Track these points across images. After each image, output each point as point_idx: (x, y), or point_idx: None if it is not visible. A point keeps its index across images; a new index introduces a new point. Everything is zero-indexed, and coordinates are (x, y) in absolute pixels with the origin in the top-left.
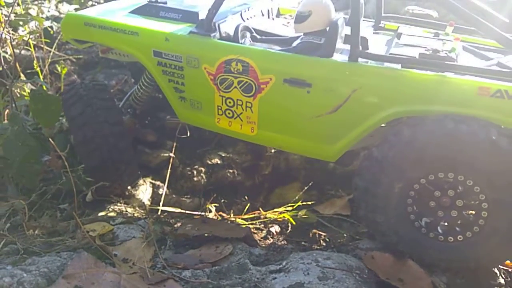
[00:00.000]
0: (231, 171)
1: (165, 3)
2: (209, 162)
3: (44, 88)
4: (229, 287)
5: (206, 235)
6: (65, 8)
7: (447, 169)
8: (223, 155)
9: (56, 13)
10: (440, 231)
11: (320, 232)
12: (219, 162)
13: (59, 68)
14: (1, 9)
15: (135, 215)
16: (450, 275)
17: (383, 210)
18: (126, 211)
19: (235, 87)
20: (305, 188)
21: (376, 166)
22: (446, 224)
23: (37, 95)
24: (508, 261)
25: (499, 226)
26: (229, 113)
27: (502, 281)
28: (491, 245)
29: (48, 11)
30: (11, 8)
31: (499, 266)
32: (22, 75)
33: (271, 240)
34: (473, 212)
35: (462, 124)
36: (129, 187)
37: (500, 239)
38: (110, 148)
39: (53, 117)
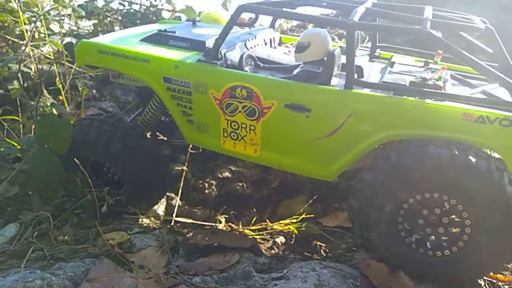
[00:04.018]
0: (240, 184)
1: (174, 32)
2: (220, 176)
3: (55, 113)
4: None
5: (215, 244)
6: (84, 24)
7: (432, 189)
8: (233, 168)
9: (76, 29)
10: (428, 246)
11: (321, 244)
12: (229, 175)
13: (79, 85)
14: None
15: (150, 225)
16: (438, 285)
17: (376, 228)
18: (142, 221)
19: (240, 111)
20: (310, 201)
21: (368, 188)
22: (434, 240)
23: (46, 119)
24: (492, 273)
25: (481, 241)
26: (234, 136)
27: None
28: (475, 258)
29: (69, 27)
30: (33, 24)
31: (484, 278)
32: (45, 91)
33: (276, 250)
34: (458, 229)
35: (443, 149)
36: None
37: (483, 253)
38: (157, 174)
39: (63, 142)
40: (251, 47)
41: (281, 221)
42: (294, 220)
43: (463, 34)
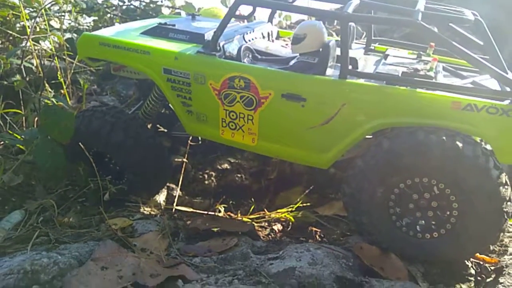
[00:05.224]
0: (239, 175)
1: (174, 25)
2: (219, 167)
3: (57, 103)
4: (233, 270)
5: (214, 229)
6: (85, 20)
7: (422, 174)
8: (232, 160)
9: (76, 25)
10: (418, 229)
11: (316, 229)
12: (228, 167)
13: (80, 80)
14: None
15: (152, 213)
16: (427, 266)
17: (368, 212)
18: (144, 210)
19: (238, 101)
20: (307, 191)
21: (360, 174)
22: (423, 223)
23: (49, 110)
24: (478, 255)
25: (468, 224)
26: (232, 125)
27: (472, 271)
28: (462, 240)
29: (69, 24)
30: (34, 20)
31: (471, 259)
32: (47, 85)
33: (273, 236)
34: (446, 212)
35: (432, 135)
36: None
37: (470, 235)
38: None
39: (66, 132)
40: (249, 40)
41: (279, 210)
42: (291, 209)
43: (454, 26)
